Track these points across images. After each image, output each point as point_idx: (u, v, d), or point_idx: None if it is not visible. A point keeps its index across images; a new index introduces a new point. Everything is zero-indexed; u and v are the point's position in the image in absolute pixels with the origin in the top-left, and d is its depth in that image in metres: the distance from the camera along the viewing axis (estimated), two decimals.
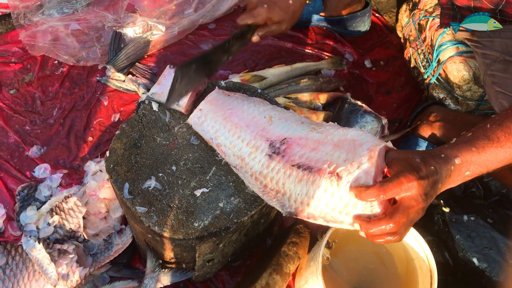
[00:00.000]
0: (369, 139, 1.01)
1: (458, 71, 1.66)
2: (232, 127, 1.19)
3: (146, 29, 1.89)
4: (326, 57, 1.98)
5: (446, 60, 1.69)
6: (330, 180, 0.99)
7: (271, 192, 1.09)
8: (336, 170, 0.99)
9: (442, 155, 0.98)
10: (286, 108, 1.63)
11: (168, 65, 1.36)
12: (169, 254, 1.27)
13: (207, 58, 1.26)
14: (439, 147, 1.04)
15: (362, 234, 0.96)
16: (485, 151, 1.01)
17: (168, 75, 1.33)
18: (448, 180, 0.99)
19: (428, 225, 1.49)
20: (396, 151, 1.01)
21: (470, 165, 1.00)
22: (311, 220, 1.03)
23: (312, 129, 1.11)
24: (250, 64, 1.93)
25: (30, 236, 1.37)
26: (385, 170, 0.98)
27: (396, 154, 0.99)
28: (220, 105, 1.23)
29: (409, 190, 0.92)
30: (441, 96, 1.77)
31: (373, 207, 0.95)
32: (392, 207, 0.95)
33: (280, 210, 1.07)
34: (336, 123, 1.14)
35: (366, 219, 0.94)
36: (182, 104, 1.26)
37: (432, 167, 0.95)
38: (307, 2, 1.41)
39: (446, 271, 1.39)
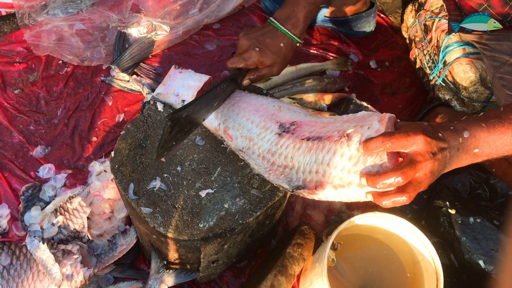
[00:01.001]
0: (378, 113, 1.01)
1: (464, 73, 1.66)
2: (240, 111, 1.22)
3: (151, 29, 1.89)
4: (331, 58, 1.97)
5: (453, 61, 1.68)
6: (340, 142, 0.98)
7: (278, 169, 1.10)
8: (345, 132, 0.99)
9: (451, 127, 0.97)
10: None
11: (174, 66, 1.36)
12: (173, 255, 1.26)
13: (198, 105, 1.19)
14: (447, 123, 1.00)
15: (369, 197, 0.94)
16: (495, 129, 0.98)
17: (173, 75, 1.33)
18: (457, 154, 0.96)
19: (434, 227, 1.48)
20: (404, 122, 0.99)
21: (478, 141, 0.97)
22: (318, 192, 1.01)
23: (320, 117, 1.15)
24: None
25: (34, 236, 1.36)
26: None
27: (404, 122, 0.98)
28: (237, 94, 1.28)
29: (415, 143, 0.89)
30: (447, 97, 1.76)
31: (382, 160, 0.93)
32: (399, 162, 0.93)
33: (286, 187, 1.08)
34: None
35: (374, 173, 0.92)
36: None
37: (440, 134, 0.93)
38: (298, 45, 1.39)
39: (452, 273, 1.39)
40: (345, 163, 0.97)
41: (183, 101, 1.26)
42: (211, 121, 1.25)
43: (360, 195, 0.97)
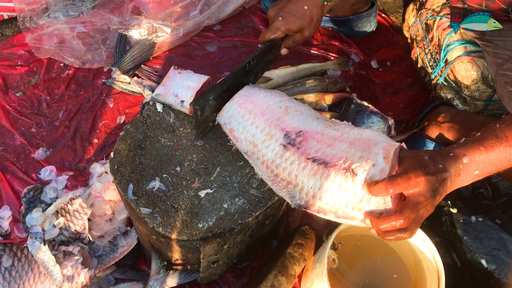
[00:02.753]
0: (384, 139, 1.03)
1: (466, 71, 1.65)
2: (246, 113, 1.19)
3: (152, 31, 1.89)
4: (332, 58, 1.97)
5: (454, 60, 1.68)
6: (345, 176, 1.00)
7: (281, 182, 1.09)
8: (351, 167, 1.00)
9: (451, 154, 1.00)
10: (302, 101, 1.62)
11: (173, 66, 1.36)
12: (174, 256, 1.26)
13: (227, 84, 1.26)
14: (447, 147, 1.05)
15: (373, 231, 0.98)
16: (493, 150, 1.01)
17: (172, 76, 1.33)
18: (458, 179, 1.01)
19: (436, 226, 1.47)
20: (407, 150, 1.02)
21: (479, 164, 1.01)
22: (320, 215, 1.03)
23: (328, 125, 1.13)
24: None
25: (35, 238, 1.37)
26: (397, 168, 1.00)
27: (406, 153, 1.01)
28: (241, 95, 1.24)
29: (417, 186, 0.93)
30: (449, 96, 1.75)
31: (386, 203, 0.96)
32: (401, 203, 0.96)
33: (289, 201, 1.08)
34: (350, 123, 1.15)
35: (377, 215, 0.95)
36: (187, 105, 1.26)
37: (440, 165, 0.97)
38: (325, 3, 1.40)
39: (454, 273, 1.38)
40: (349, 199, 1.00)
41: (182, 101, 1.26)
42: (217, 119, 1.24)
43: (362, 225, 1.00)
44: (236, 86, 1.27)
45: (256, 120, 1.17)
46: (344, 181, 1.00)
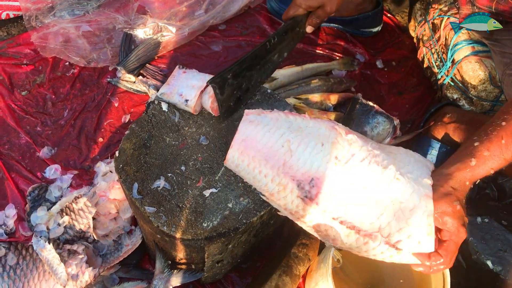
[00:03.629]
0: (416, 200, 1.03)
1: (473, 71, 1.64)
2: (250, 161, 1.13)
3: (157, 30, 1.89)
4: (337, 58, 1.96)
5: (461, 59, 1.67)
6: (388, 250, 1.03)
7: (310, 229, 1.10)
8: (392, 241, 1.01)
9: (467, 182, 1.07)
10: (296, 109, 1.62)
11: (178, 66, 1.36)
12: (178, 255, 1.26)
13: (246, 63, 1.26)
14: (457, 172, 1.07)
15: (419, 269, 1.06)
16: (477, 168, 1.08)
17: (177, 75, 1.33)
18: (463, 188, 1.08)
19: None
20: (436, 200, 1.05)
21: (475, 178, 1.08)
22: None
23: (336, 162, 1.08)
24: None
25: (40, 237, 1.37)
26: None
27: (440, 206, 1.04)
28: (238, 140, 1.16)
29: (459, 240, 1.05)
30: (455, 96, 1.74)
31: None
32: (442, 245, 1.04)
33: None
34: (356, 137, 1.13)
35: (426, 258, 1.03)
36: (191, 104, 1.26)
37: (461, 201, 1.05)
38: None
39: (459, 274, 1.37)
40: (394, 260, 1.06)
41: (186, 100, 1.26)
42: (226, 164, 1.20)
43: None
44: (258, 64, 1.28)
45: (262, 169, 1.11)
46: (389, 252, 1.03)
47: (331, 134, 1.11)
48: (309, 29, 1.45)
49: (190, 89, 1.27)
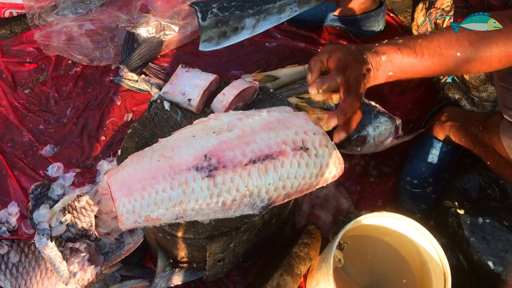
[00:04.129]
0: (286, 113, 1.12)
1: None
2: (142, 192, 1.00)
3: (160, 29, 1.90)
4: None
5: None
6: (300, 154, 1.03)
7: (234, 203, 1.03)
8: (298, 145, 1.04)
9: (373, 50, 1.15)
10: (299, 108, 1.62)
11: (180, 65, 1.36)
12: (180, 254, 1.27)
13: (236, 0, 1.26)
14: (369, 44, 1.19)
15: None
16: (408, 57, 1.13)
17: (180, 74, 1.33)
18: (376, 74, 1.16)
19: (442, 227, 1.47)
20: (334, 44, 1.15)
21: (393, 66, 1.15)
22: (286, 200, 1.07)
23: (215, 132, 1.05)
24: (263, 64, 1.92)
25: (43, 234, 1.38)
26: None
27: (335, 45, 1.18)
28: (116, 190, 1.03)
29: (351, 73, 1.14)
30: (457, 96, 1.74)
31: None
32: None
33: (251, 212, 1.06)
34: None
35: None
36: (194, 103, 1.26)
37: (365, 56, 1.14)
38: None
39: (461, 275, 1.37)
40: (311, 171, 1.05)
41: (189, 100, 1.26)
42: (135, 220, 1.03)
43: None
44: (251, 8, 1.27)
45: (157, 187, 1.00)
46: (302, 159, 1.03)
47: (196, 126, 1.09)
48: None
49: (193, 88, 1.28)
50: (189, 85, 1.29)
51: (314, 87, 1.17)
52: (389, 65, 1.15)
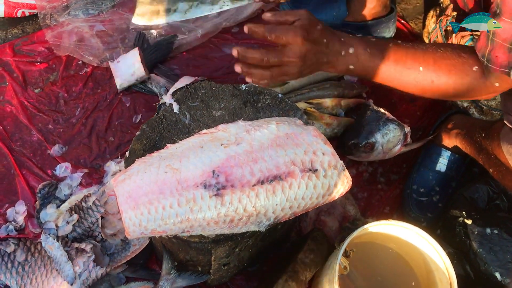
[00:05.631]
0: (296, 127, 1.10)
1: None
2: (149, 206, 1.00)
3: (170, 31, 1.90)
4: None
5: None
6: (308, 176, 1.02)
7: (240, 221, 1.03)
8: (307, 166, 1.02)
9: (342, 38, 1.13)
10: (307, 113, 1.62)
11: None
12: (185, 257, 1.27)
13: None
14: (345, 33, 1.17)
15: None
16: (374, 59, 1.14)
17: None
18: (334, 61, 1.14)
19: (449, 237, 1.46)
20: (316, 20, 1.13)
21: (358, 62, 1.14)
22: (292, 216, 1.07)
23: (223, 145, 1.05)
24: None
25: (49, 234, 1.38)
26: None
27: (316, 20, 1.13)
28: (123, 202, 1.02)
29: (292, 43, 1.09)
30: (465, 104, 1.73)
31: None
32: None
33: (256, 229, 1.06)
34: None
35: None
36: None
37: (325, 40, 1.11)
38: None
39: (467, 285, 1.36)
40: (319, 191, 1.04)
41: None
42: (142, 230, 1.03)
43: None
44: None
45: (164, 202, 0.99)
46: (310, 180, 1.02)
47: (205, 136, 1.09)
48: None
49: None
50: None
51: (258, 27, 1.13)
52: (353, 59, 1.14)
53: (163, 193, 0.99)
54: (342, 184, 1.07)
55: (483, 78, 1.12)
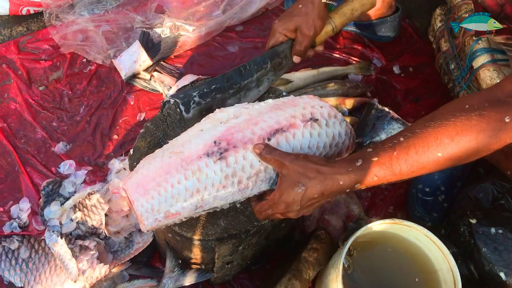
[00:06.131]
0: (292, 96, 1.14)
1: (491, 79, 1.61)
2: (159, 188, 1.01)
3: (174, 29, 1.90)
4: (354, 62, 1.95)
5: (480, 67, 1.64)
6: (310, 124, 1.04)
7: (249, 181, 1.02)
8: (307, 117, 1.04)
9: (340, 182, 0.96)
10: None
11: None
12: (188, 255, 1.27)
13: (216, 84, 1.21)
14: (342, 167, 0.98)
15: None
16: (385, 177, 0.97)
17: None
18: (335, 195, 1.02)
19: (454, 236, 1.45)
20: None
21: (363, 183, 0.97)
22: None
23: (222, 120, 1.06)
24: None
25: (53, 231, 1.39)
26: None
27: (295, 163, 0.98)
28: (132, 192, 1.03)
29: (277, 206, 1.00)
30: None
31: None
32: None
33: (268, 187, 1.04)
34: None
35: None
36: None
37: (316, 204, 1.00)
38: (322, 1, 1.32)
39: (471, 285, 1.35)
40: (324, 140, 1.06)
41: None
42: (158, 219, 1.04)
43: None
44: (231, 88, 1.24)
45: (172, 180, 1.00)
46: (313, 129, 1.04)
47: (204, 121, 1.09)
48: (295, 59, 1.36)
49: None
50: None
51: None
52: (358, 182, 0.97)
53: (169, 173, 1.01)
54: (346, 134, 1.09)
55: None
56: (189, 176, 1.00)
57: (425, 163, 0.96)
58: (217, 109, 1.10)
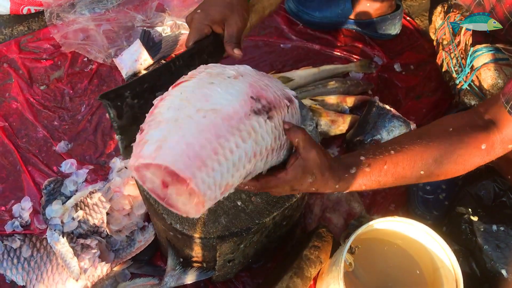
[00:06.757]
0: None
1: (492, 79, 1.61)
2: (211, 160, 0.80)
3: (175, 28, 1.90)
4: (355, 60, 1.95)
5: (481, 66, 1.64)
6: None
7: (282, 148, 0.96)
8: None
9: (336, 186, 1.01)
10: (312, 110, 1.62)
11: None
12: (190, 253, 1.27)
13: (146, 81, 1.04)
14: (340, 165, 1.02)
15: None
16: (371, 185, 1.05)
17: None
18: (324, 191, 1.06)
19: (455, 234, 1.45)
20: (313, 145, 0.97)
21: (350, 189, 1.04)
22: None
23: (227, 77, 0.91)
24: (277, 66, 1.91)
25: (54, 230, 1.39)
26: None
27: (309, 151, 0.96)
28: (186, 167, 0.79)
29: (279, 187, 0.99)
30: (473, 102, 1.72)
31: None
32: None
33: (277, 162, 0.98)
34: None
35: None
36: None
37: (314, 188, 1.00)
38: None
39: (473, 282, 1.35)
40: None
41: None
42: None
43: None
44: (163, 88, 0.96)
45: (225, 146, 0.82)
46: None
47: (202, 75, 0.92)
48: (236, 52, 1.20)
49: None
50: None
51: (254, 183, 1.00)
52: (349, 188, 1.04)
53: (221, 136, 0.81)
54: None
55: (494, 146, 1.07)
56: (246, 138, 0.84)
57: (407, 178, 1.06)
58: (196, 70, 0.94)
